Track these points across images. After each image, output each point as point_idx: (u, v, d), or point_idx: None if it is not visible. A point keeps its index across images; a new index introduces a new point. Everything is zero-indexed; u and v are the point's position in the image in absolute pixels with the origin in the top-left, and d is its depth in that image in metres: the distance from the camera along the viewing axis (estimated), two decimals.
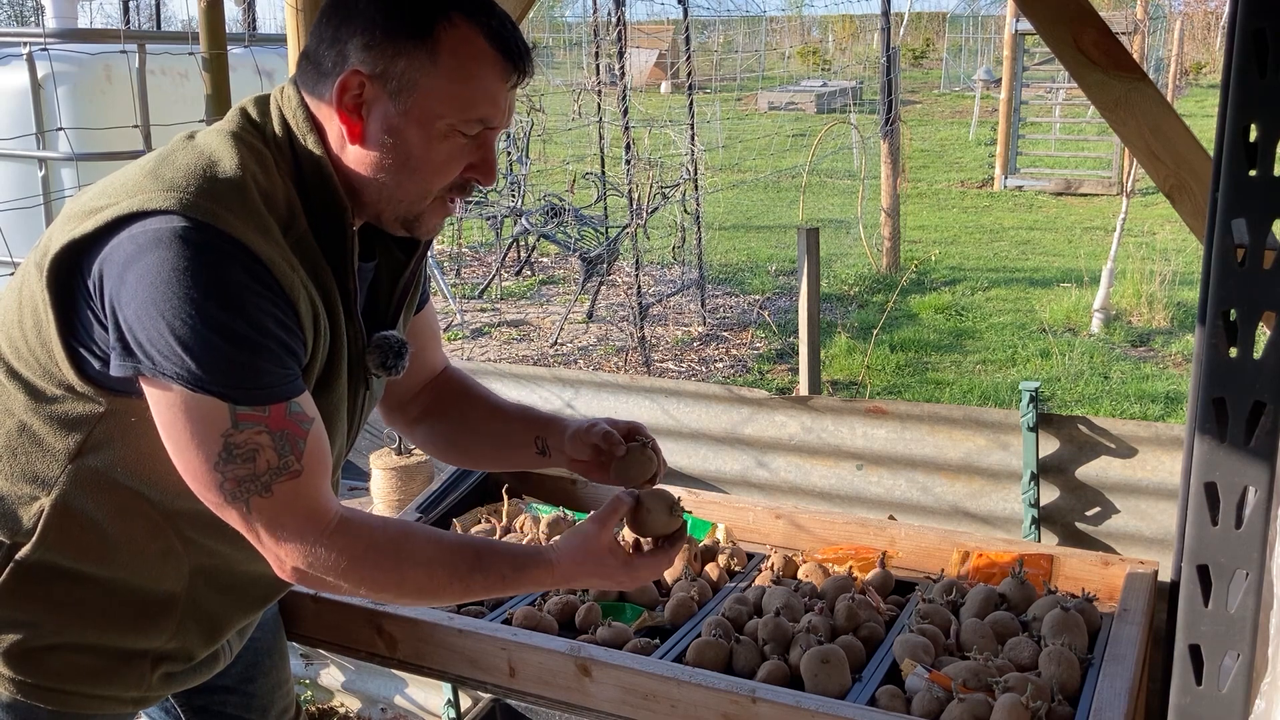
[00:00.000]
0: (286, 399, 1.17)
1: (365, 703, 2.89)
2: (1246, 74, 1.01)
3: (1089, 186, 11.85)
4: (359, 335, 1.34)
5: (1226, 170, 1.03)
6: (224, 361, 1.12)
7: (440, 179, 1.26)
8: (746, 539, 2.07)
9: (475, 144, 1.26)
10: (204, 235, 1.11)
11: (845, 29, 31.29)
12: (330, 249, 1.26)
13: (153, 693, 1.39)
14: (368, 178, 1.25)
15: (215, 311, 1.11)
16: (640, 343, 6.40)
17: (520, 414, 1.60)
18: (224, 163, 1.18)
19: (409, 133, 1.22)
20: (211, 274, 1.11)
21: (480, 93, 1.22)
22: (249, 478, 1.16)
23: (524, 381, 2.54)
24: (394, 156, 1.23)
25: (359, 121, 1.22)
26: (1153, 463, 1.99)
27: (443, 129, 1.22)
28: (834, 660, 1.53)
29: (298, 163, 1.24)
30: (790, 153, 13.59)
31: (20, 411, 1.24)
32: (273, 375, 1.16)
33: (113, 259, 1.12)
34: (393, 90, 1.21)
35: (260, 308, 1.14)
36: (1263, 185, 1.02)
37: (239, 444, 1.15)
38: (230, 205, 1.14)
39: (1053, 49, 1.91)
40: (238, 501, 1.17)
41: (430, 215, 1.30)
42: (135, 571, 1.30)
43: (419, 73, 1.20)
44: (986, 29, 24.97)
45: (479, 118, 1.23)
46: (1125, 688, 1.46)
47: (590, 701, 1.55)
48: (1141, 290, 7.10)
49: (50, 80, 3.93)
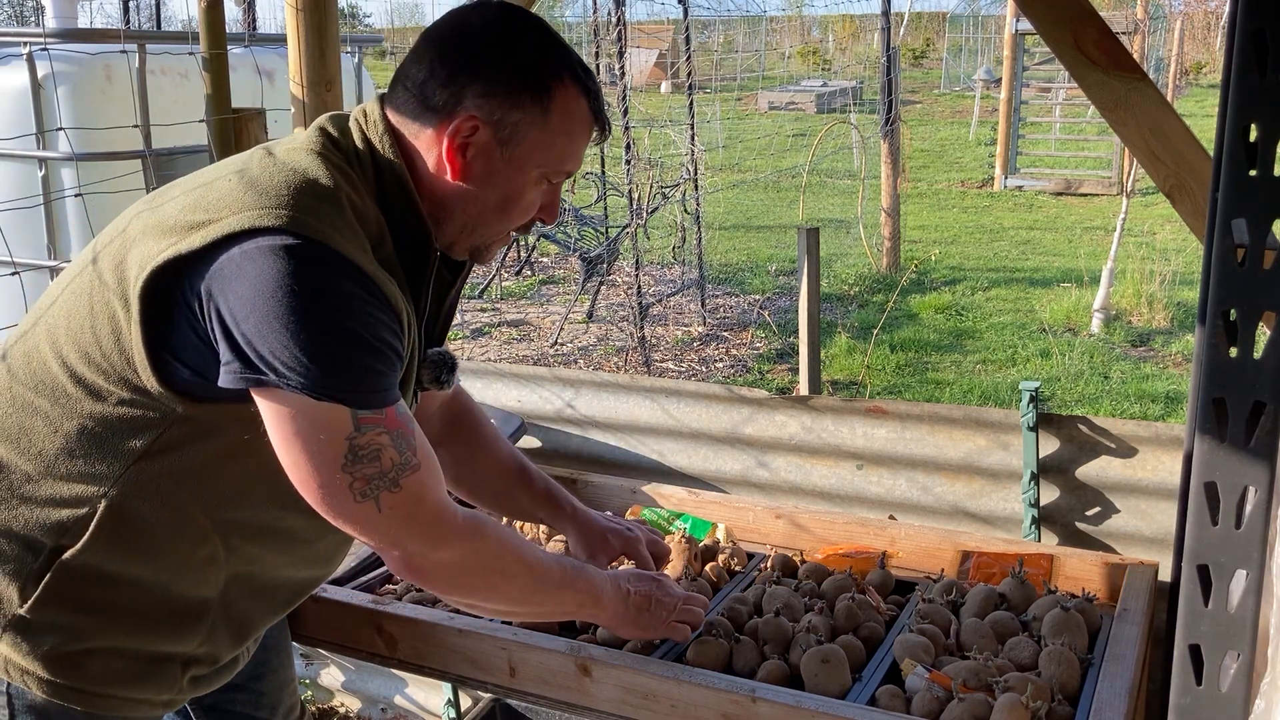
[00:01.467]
0: (396, 401, 1.23)
1: (365, 703, 2.89)
2: (1246, 74, 1.01)
3: (1089, 186, 11.85)
4: (419, 351, 1.39)
5: (1226, 170, 1.03)
6: (346, 367, 1.17)
7: (522, 219, 1.37)
8: (746, 539, 2.07)
9: (551, 188, 1.37)
10: (316, 251, 1.16)
11: (845, 29, 31.30)
12: (411, 268, 1.32)
13: (182, 695, 1.40)
14: (454, 209, 1.33)
15: (333, 320, 1.16)
16: (640, 343, 6.40)
17: (527, 484, 1.71)
18: (319, 180, 1.23)
19: (510, 179, 1.31)
20: (327, 286, 1.16)
21: (574, 147, 1.34)
22: (377, 476, 1.20)
23: (524, 381, 2.54)
24: (491, 198, 1.32)
25: (462, 160, 1.29)
26: (1153, 462, 1.99)
27: (537, 177, 1.33)
28: (834, 660, 1.53)
29: (381, 183, 1.30)
30: (790, 153, 13.59)
31: (82, 415, 1.24)
32: (387, 379, 1.21)
33: (224, 274, 1.15)
34: (503, 138, 1.29)
35: (373, 316, 1.19)
36: (1263, 185, 1.02)
37: (363, 445, 1.19)
38: (334, 223, 1.19)
39: (1053, 49, 1.91)
40: (367, 500, 1.21)
41: (492, 247, 1.40)
42: (177, 577, 1.31)
43: (531, 126, 1.29)
44: (986, 29, 24.98)
45: (567, 169, 1.35)
46: (1125, 687, 1.46)
47: (590, 701, 1.55)
48: (1141, 290, 7.10)
49: (50, 80, 3.93)
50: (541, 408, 2.51)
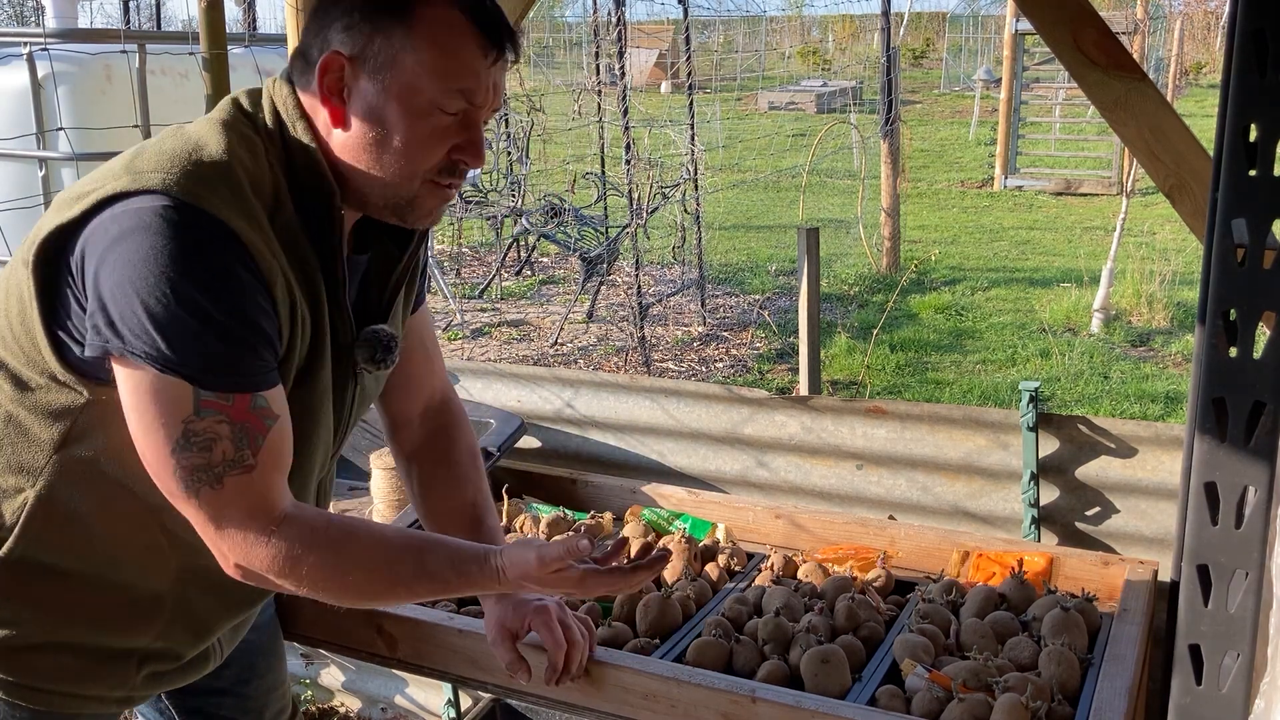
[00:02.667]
0: (253, 391, 1.16)
1: (365, 703, 2.89)
2: (1246, 74, 1.01)
3: (1089, 186, 11.85)
4: (348, 327, 1.32)
5: (1226, 170, 1.03)
6: (194, 343, 1.11)
7: (424, 159, 1.23)
8: (746, 539, 2.07)
9: (460, 124, 1.23)
10: (186, 215, 1.11)
11: (845, 29, 31.29)
12: (319, 237, 1.25)
13: (138, 693, 1.38)
14: (354, 163, 1.24)
15: (190, 292, 1.10)
16: (640, 343, 6.39)
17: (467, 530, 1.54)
18: (210, 147, 1.18)
19: (390, 111, 1.21)
20: (191, 254, 1.10)
21: (459, 65, 1.20)
22: (203, 467, 1.15)
23: (524, 381, 2.54)
24: (376, 137, 1.22)
25: (341, 105, 1.22)
26: (1153, 462, 1.99)
27: (423, 105, 1.20)
28: (834, 660, 1.53)
29: (288, 151, 1.24)
30: (790, 153, 13.58)
31: (6, 403, 1.23)
32: (242, 364, 1.15)
33: (95, 238, 1.12)
34: (371, 70, 1.20)
35: (238, 291, 1.13)
36: (1263, 185, 1.02)
37: (198, 431, 1.14)
38: (213, 187, 1.14)
39: (1053, 49, 1.91)
40: (189, 492, 1.16)
41: (422, 201, 1.27)
42: (120, 568, 1.28)
43: (397, 49, 1.19)
44: (986, 29, 24.97)
45: (459, 89, 1.21)
46: (1125, 687, 1.46)
47: (590, 701, 1.55)
48: (1141, 290, 7.10)
49: (50, 80, 3.93)
50: (541, 408, 2.51)
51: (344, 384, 1.36)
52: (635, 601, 1.74)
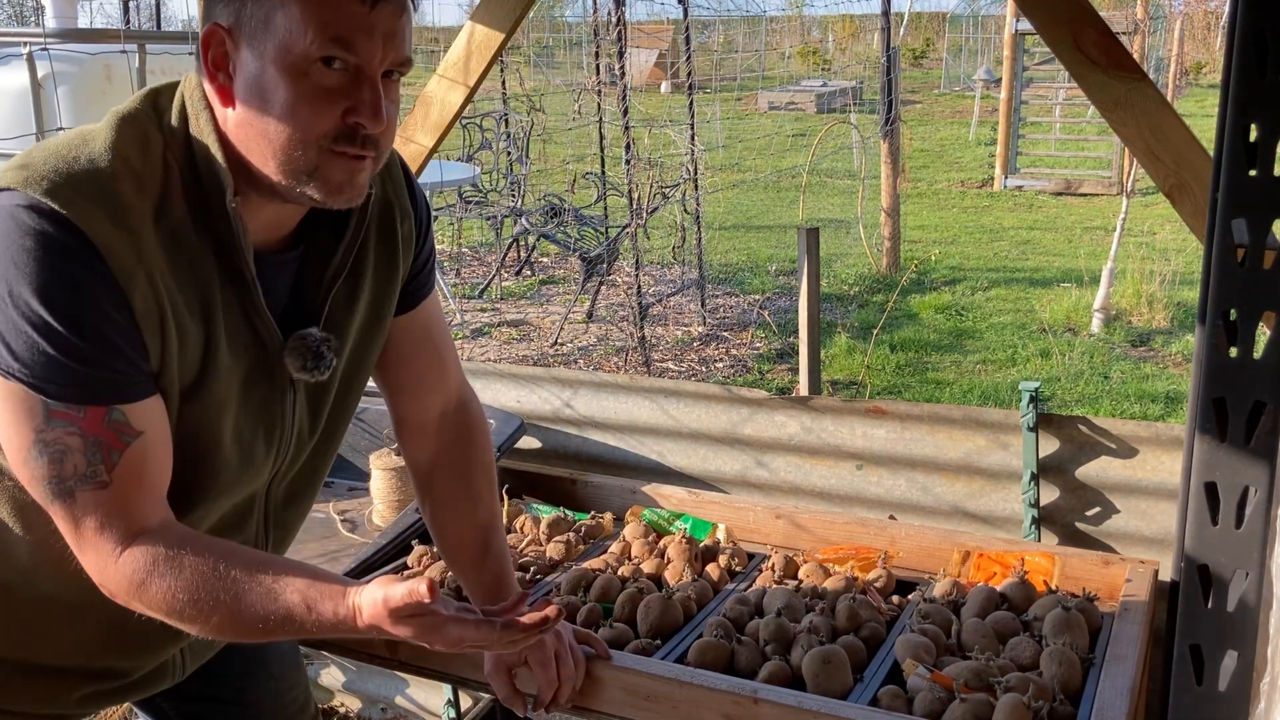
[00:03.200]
0: (106, 404, 1.09)
1: (365, 703, 2.89)
2: (1246, 74, 1.01)
3: (1089, 186, 11.85)
4: (271, 333, 1.23)
5: (1226, 170, 1.03)
6: (34, 353, 1.05)
7: (312, 123, 1.12)
8: (747, 539, 2.07)
9: (351, 84, 1.12)
10: (35, 215, 1.05)
11: (845, 29, 31.28)
12: (220, 238, 1.16)
13: (72, 710, 1.33)
14: (247, 142, 1.14)
15: (29, 299, 1.04)
16: (640, 343, 6.39)
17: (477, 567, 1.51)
18: (95, 143, 1.12)
19: (268, 76, 1.11)
20: (34, 258, 1.04)
21: (331, 12, 1.09)
22: (56, 479, 1.10)
23: (524, 381, 2.54)
24: (260, 107, 1.12)
25: (228, 83, 1.13)
26: (1153, 462, 1.99)
27: (301, 64, 1.10)
28: (835, 660, 1.53)
29: (190, 147, 1.16)
30: (790, 153, 13.58)
31: None
32: (85, 376, 1.08)
33: None
34: (249, 36, 1.11)
35: (82, 302, 1.06)
36: (1263, 185, 1.02)
37: (49, 441, 1.08)
38: (79, 186, 1.07)
39: (1053, 49, 1.91)
40: (49, 502, 1.11)
41: (326, 173, 1.14)
42: (37, 578, 1.22)
43: (268, 7, 1.10)
44: (986, 29, 24.97)
45: (334, 37, 1.09)
46: (1127, 686, 1.46)
47: (591, 702, 1.55)
48: (1141, 290, 7.10)
49: (50, 80, 3.93)
50: (541, 408, 2.51)
51: (279, 394, 1.27)
52: (636, 602, 1.74)
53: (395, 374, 1.47)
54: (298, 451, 1.35)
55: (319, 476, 1.44)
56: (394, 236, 1.36)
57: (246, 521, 1.34)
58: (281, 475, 1.35)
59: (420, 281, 1.45)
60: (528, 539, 2.05)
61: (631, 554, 1.97)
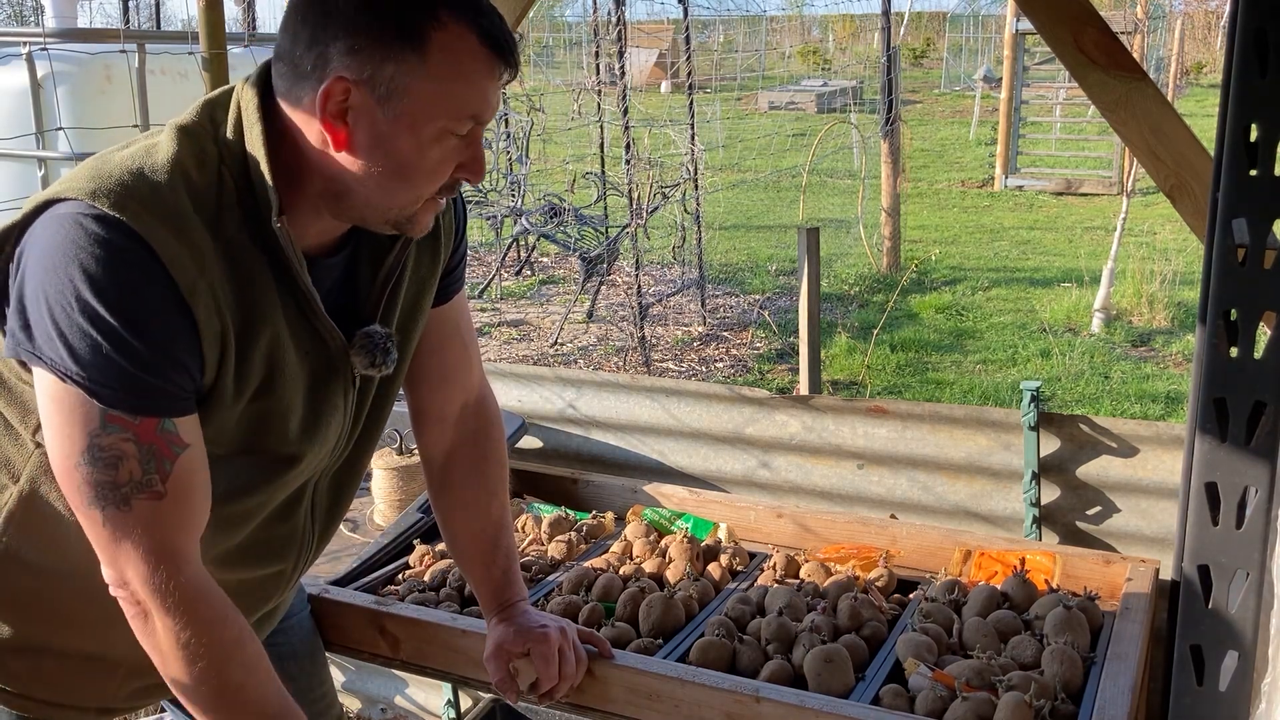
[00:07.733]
0: (159, 415, 1.11)
1: (365, 703, 2.89)
2: (1246, 74, 1.01)
3: (1089, 186, 11.85)
4: (330, 333, 1.27)
5: (1227, 170, 1.03)
6: (97, 359, 1.07)
7: (433, 183, 1.20)
8: (748, 538, 2.07)
9: (465, 142, 1.20)
10: (104, 225, 1.07)
11: (845, 28, 31.28)
12: (273, 248, 1.19)
13: (125, 705, 1.34)
14: (353, 184, 1.18)
15: (96, 306, 1.06)
16: (640, 343, 6.40)
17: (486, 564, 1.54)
18: (158, 156, 1.14)
19: (400, 140, 1.15)
20: (103, 266, 1.06)
21: (473, 91, 1.16)
22: (109, 485, 1.10)
23: (524, 381, 2.54)
24: (385, 165, 1.16)
25: (344, 129, 1.15)
26: (1154, 462, 2.00)
27: (434, 133, 1.16)
28: (837, 660, 1.53)
29: (246, 162, 1.18)
30: (790, 152, 13.59)
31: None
32: (145, 385, 1.09)
33: (29, 241, 1.11)
34: (381, 96, 1.13)
35: (148, 311, 1.09)
36: (1263, 185, 1.02)
37: (104, 447, 1.10)
38: (144, 198, 1.10)
39: (1053, 49, 1.92)
40: (93, 508, 1.12)
41: (422, 215, 1.23)
42: (91, 567, 1.22)
43: (409, 76, 1.13)
44: (986, 29, 24.97)
45: (470, 115, 1.17)
46: (1128, 685, 1.46)
47: (594, 701, 1.55)
48: (1142, 290, 7.10)
49: (50, 80, 3.93)
50: (542, 408, 2.51)
51: (341, 390, 1.31)
52: (638, 602, 1.74)
53: (423, 364, 1.49)
54: (345, 444, 1.39)
55: (361, 468, 1.47)
56: (436, 228, 1.39)
57: (295, 512, 1.37)
58: (329, 468, 1.39)
59: (457, 274, 1.48)
60: (529, 538, 2.06)
61: (633, 553, 1.98)
